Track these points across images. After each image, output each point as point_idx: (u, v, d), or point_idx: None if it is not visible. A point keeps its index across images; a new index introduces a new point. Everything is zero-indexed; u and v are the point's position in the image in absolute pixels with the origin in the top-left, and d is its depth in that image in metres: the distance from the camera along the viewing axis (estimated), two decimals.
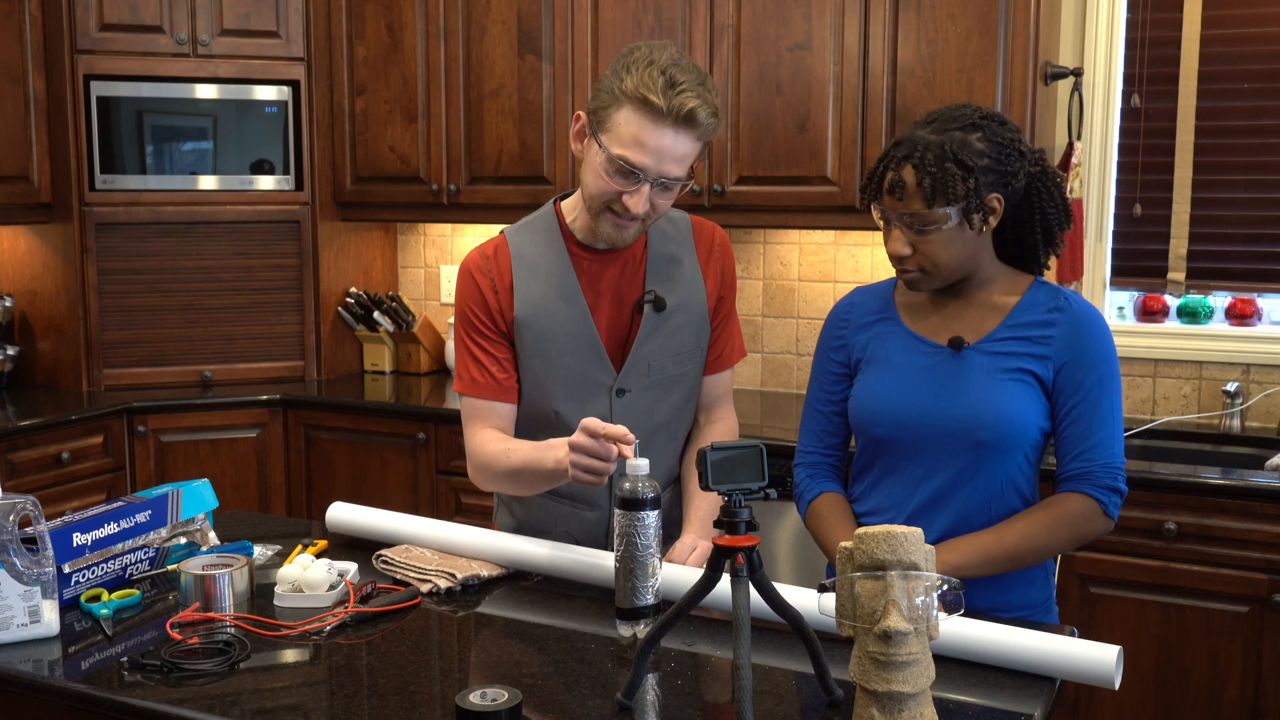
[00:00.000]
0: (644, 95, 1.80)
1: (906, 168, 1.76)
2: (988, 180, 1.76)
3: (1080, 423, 1.81)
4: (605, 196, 1.89)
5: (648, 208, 1.88)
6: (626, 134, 1.83)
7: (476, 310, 2.02)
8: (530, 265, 2.02)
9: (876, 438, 1.88)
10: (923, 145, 1.76)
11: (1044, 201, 1.85)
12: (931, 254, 1.79)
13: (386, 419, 3.66)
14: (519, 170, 3.72)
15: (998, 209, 1.79)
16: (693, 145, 1.86)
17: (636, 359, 2.02)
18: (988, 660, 1.55)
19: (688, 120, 1.82)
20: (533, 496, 2.09)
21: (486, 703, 1.39)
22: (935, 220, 1.76)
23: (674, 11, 3.43)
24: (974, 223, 1.77)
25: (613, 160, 1.85)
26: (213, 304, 3.93)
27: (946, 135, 1.76)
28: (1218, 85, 3.24)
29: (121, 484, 3.63)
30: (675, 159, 1.84)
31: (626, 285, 2.03)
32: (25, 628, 1.65)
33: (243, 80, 3.86)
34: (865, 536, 1.32)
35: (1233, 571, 2.70)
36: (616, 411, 2.02)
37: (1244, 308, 3.28)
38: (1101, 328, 1.83)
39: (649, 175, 1.84)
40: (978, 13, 3.09)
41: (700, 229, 2.11)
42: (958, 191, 1.73)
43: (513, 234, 2.07)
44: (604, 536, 2.07)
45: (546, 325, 2.00)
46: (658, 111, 1.81)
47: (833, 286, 3.70)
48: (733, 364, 2.15)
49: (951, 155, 1.74)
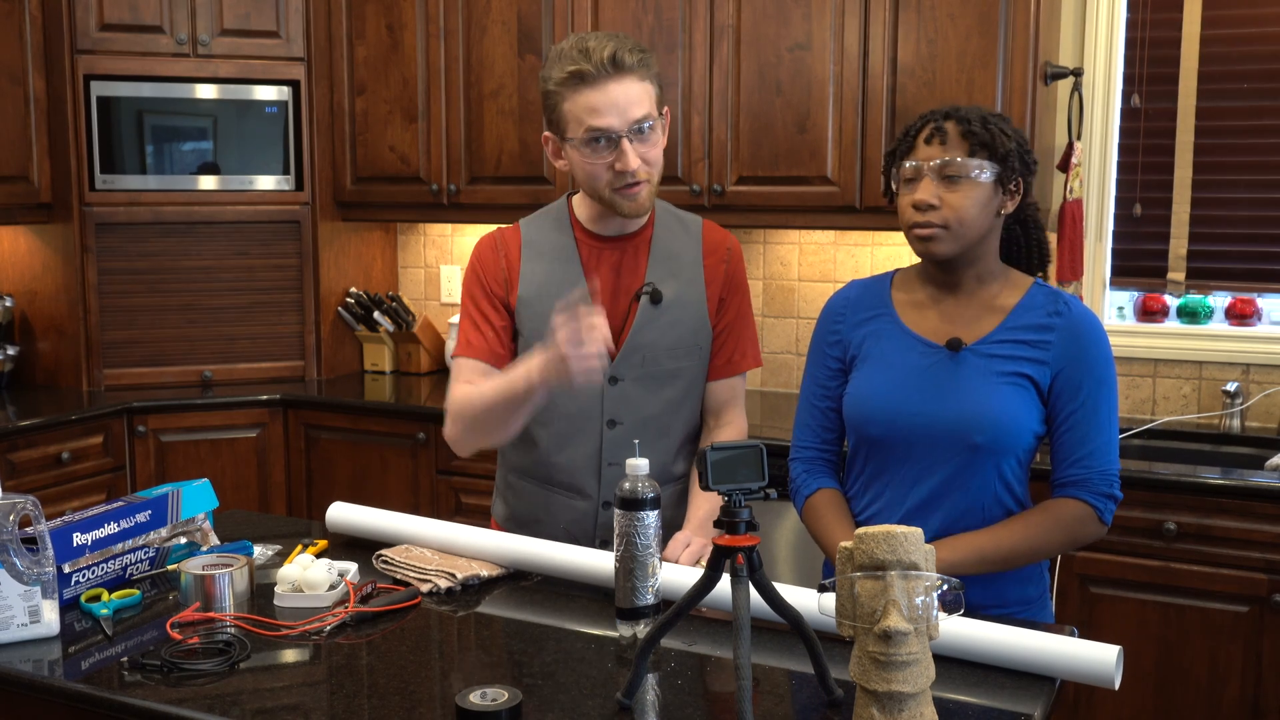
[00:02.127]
0: (571, 72, 1.91)
1: (950, 122, 1.80)
2: (1019, 162, 1.81)
3: (1078, 429, 1.81)
4: (600, 176, 1.96)
5: (639, 162, 1.94)
6: (580, 111, 1.92)
7: (484, 282, 2.09)
8: (538, 250, 2.09)
9: (871, 437, 1.88)
10: (965, 109, 1.82)
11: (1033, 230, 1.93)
12: (959, 207, 1.78)
13: (386, 419, 3.66)
14: (519, 170, 3.72)
15: (1017, 196, 1.83)
16: (639, 85, 1.93)
17: (631, 348, 2.05)
18: (988, 660, 1.55)
19: (614, 64, 1.90)
20: (526, 487, 2.12)
21: (486, 703, 1.39)
22: (971, 172, 1.77)
23: (674, 11, 3.44)
24: (1004, 191, 1.81)
25: (585, 141, 1.93)
26: (213, 304, 3.93)
27: (983, 112, 1.82)
28: (1218, 85, 3.24)
29: (121, 484, 3.63)
30: (630, 102, 1.91)
31: (627, 275, 2.07)
32: (25, 628, 1.65)
33: (243, 80, 3.86)
34: (865, 536, 1.32)
35: (1233, 571, 2.70)
36: (608, 398, 2.06)
37: (1244, 308, 3.28)
38: (1099, 334, 1.83)
39: (619, 131, 1.91)
40: (978, 13, 3.09)
41: (711, 232, 2.15)
42: (1001, 147, 1.77)
43: (526, 223, 2.15)
44: (594, 528, 2.10)
45: (547, 306, 2.01)
46: (587, 75, 1.90)
47: (833, 287, 3.70)
48: (742, 371, 2.17)
49: (994, 121, 1.80)
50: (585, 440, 2.07)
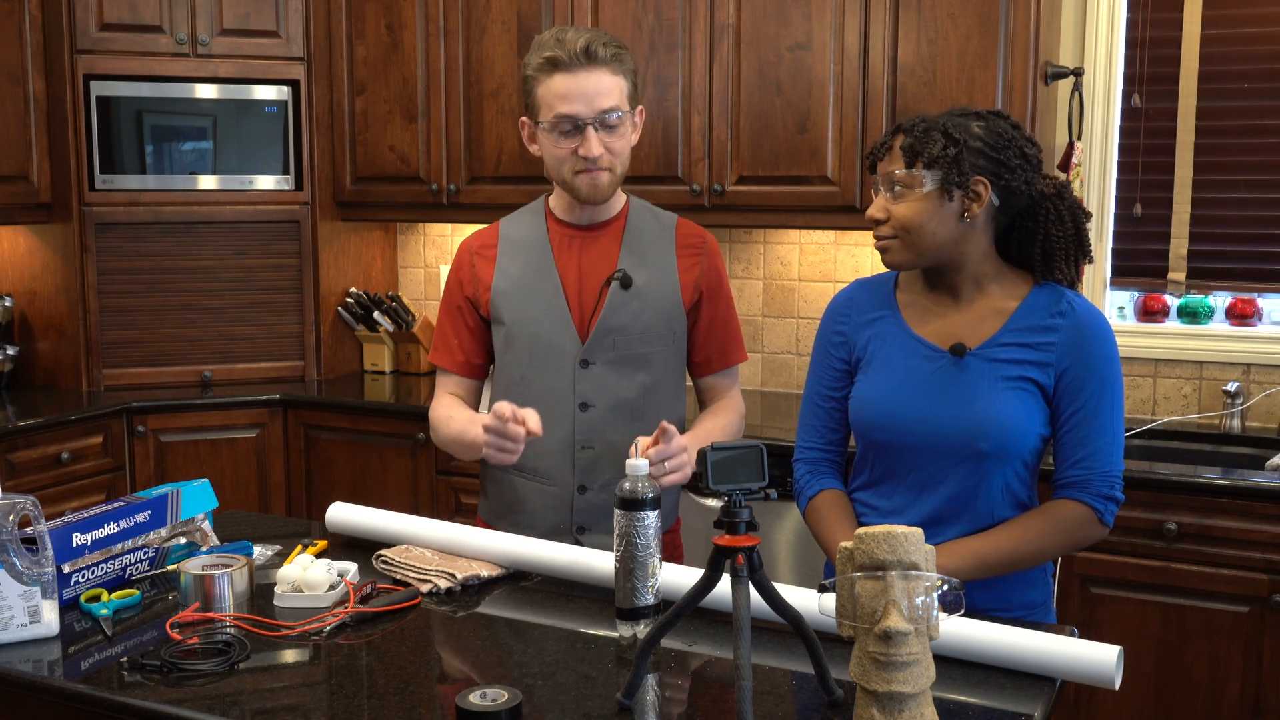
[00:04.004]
0: (545, 58, 2.02)
1: (899, 136, 1.82)
2: (976, 161, 1.77)
3: (1080, 429, 1.80)
4: (564, 160, 2.06)
5: (601, 150, 2.03)
6: (551, 97, 2.03)
7: (454, 286, 2.22)
8: (514, 243, 2.20)
9: (876, 442, 1.88)
10: (920, 118, 1.83)
11: (1050, 224, 1.82)
12: (904, 219, 1.79)
13: (386, 419, 3.66)
14: (519, 170, 3.72)
15: (983, 194, 1.78)
16: (611, 78, 2.03)
17: (602, 331, 2.11)
18: (988, 660, 1.55)
19: (587, 55, 2.00)
20: (504, 477, 2.20)
21: (486, 703, 1.39)
22: (910, 182, 1.78)
23: (674, 11, 3.43)
24: (953, 197, 1.77)
25: (553, 125, 2.03)
26: (213, 304, 3.93)
27: (948, 117, 1.81)
28: (1218, 85, 3.24)
29: (121, 484, 3.63)
30: (598, 93, 2.01)
31: (599, 262, 2.15)
32: (25, 628, 1.65)
33: (242, 80, 3.86)
34: (865, 536, 1.32)
35: (1233, 572, 2.70)
36: (581, 381, 2.12)
37: (1244, 308, 3.28)
38: (1104, 332, 1.82)
39: (585, 118, 2.01)
40: (978, 13, 3.09)
41: (685, 227, 2.22)
42: (934, 154, 1.76)
43: (506, 220, 2.25)
44: (570, 514, 2.14)
45: (522, 294, 2.15)
46: (561, 63, 2.01)
47: (832, 286, 3.69)
48: (728, 365, 2.24)
49: (940, 127, 1.79)
50: (558, 424, 2.11)
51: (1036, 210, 1.84)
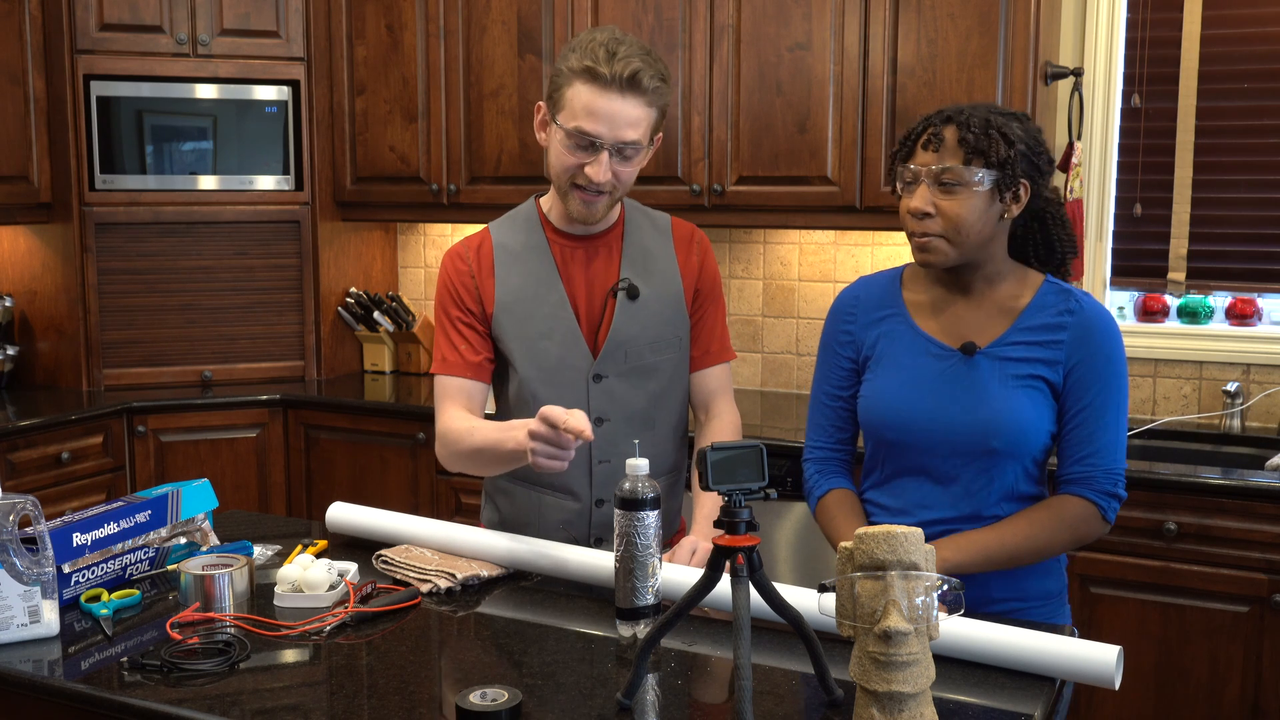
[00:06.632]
0: (588, 67, 1.91)
1: (949, 127, 1.77)
2: (1023, 165, 1.77)
3: (1084, 427, 1.81)
4: (569, 171, 1.97)
5: (609, 177, 1.95)
6: (578, 106, 1.93)
7: (454, 294, 2.09)
8: (511, 254, 2.10)
9: (887, 441, 1.88)
10: (968, 111, 1.78)
11: (1053, 225, 1.88)
12: (955, 215, 1.76)
13: (386, 419, 3.66)
14: (519, 170, 3.72)
15: (1023, 199, 1.79)
16: (644, 110, 1.94)
17: (613, 345, 2.06)
18: (988, 660, 1.55)
19: (632, 84, 1.91)
20: (516, 490, 2.13)
21: (486, 703, 1.39)
22: (968, 180, 1.75)
23: (674, 11, 3.43)
24: (1004, 199, 1.77)
25: (570, 134, 1.94)
26: (213, 304, 3.93)
27: (989, 113, 1.78)
28: (1218, 85, 3.24)
29: (121, 484, 3.63)
30: (628, 123, 1.93)
31: (602, 273, 2.09)
32: (25, 628, 1.65)
33: (243, 80, 3.86)
34: (865, 536, 1.32)
35: (1233, 571, 2.70)
36: (594, 396, 2.06)
37: (1244, 308, 3.28)
38: (1111, 330, 1.83)
39: (605, 142, 1.93)
40: (978, 13, 3.09)
41: (679, 227, 2.18)
42: (997, 155, 1.74)
43: (495, 227, 2.15)
44: (589, 528, 2.10)
45: (526, 309, 2.07)
46: (603, 79, 1.90)
47: (833, 286, 3.69)
48: (722, 361, 2.19)
49: (995, 125, 1.76)
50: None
51: (1043, 212, 1.87)
